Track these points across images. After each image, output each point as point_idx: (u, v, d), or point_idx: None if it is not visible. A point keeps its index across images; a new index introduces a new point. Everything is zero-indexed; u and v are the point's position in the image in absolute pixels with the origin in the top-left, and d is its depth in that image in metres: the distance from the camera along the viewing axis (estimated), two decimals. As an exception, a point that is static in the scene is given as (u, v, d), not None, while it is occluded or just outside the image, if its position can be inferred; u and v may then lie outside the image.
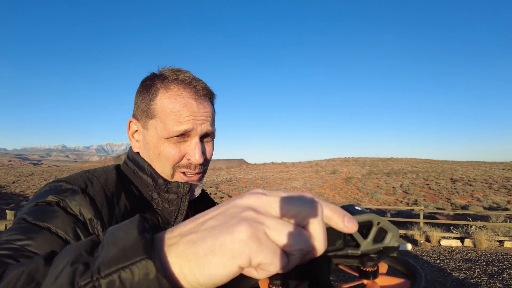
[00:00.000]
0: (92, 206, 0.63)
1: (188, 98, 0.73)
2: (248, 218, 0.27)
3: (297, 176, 45.42)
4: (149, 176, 0.75)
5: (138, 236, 0.27)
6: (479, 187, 29.28)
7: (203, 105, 0.74)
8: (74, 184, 0.65)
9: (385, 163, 58.08)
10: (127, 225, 0.29)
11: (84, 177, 0.69)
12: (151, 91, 0.75)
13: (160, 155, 0.73)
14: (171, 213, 0.74)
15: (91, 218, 0.62)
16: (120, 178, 0.74)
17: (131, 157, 0.79)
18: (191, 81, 0.74)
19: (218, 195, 31.65)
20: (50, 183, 0.67)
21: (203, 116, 0.74)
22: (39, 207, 0.60)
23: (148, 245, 0.27)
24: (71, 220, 0.60)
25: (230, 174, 55.05)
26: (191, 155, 0.73)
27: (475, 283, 5.87)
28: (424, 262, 7.61)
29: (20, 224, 0.57)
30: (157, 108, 0.73)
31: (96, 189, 0.67)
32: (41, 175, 65.90)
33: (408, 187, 32.46)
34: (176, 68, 0.78)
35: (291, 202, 0.29)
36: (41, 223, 0.57)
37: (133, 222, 0.29)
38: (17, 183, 52.44)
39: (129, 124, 0.80)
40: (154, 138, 0.74)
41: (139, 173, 0.76)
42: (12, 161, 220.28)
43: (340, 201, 28.96)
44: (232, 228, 0.26)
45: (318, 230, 0.28)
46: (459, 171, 41.16)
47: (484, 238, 9.27)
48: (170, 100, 0.72)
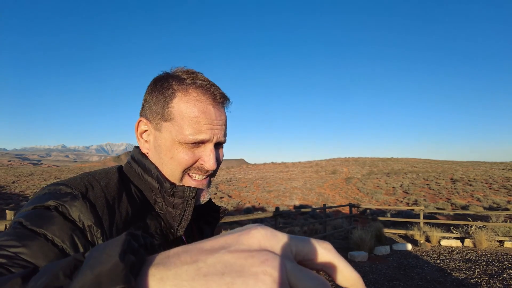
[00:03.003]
0: (93, 213, 0.61)
1: (207, 104, 0.71)
2: (261, 264, 0.22)
3: (297, 176, 45.44)
4: (155, 179, 0.73)
5: (117, 260, 0.22)
6: (479, 187, 29.30)
7: (220, 112, 0.74)
8: (74, 188, 0.63)
9: (385, 163, 58.10)
10: (110, 245, 0.24)
11: (85, 181, 0.66)
12: (167, 93, 0.73)
13: (173, 159, 0.72)
14: (175, 217, 0.72)
15: (90, 225, 0.60)
16: (122, 180, 0.72)
17: (136, 159, 0.77)
18: (209, 86, 0.73)
19: (218, 195, 31.67)
20: (49, 186, 0.64)
21: (219, 124, 0.73)
22: (37, 211, 0.58)
23: (128, 272, 0.22)
24: (69, 227, 0.58)
25: (230, 174, 55.06)
26: (205, 161, 0.73)
27: (475, 283, 5.87)
28: (424, 262, 7.60)
29: (16, 229, 0.55)
30: (174, 112, 0.71)
31: (97, 193, 0.64)
32: (41, 175, 65.90)
33: (408, 187, 32.48)
34: (191, 70, 0.76)
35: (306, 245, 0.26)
36: (37, 229, 0.54)
37: (117, 241, 0.24)
38: (17, 183, 52.46)
39: (138, 124, 0.77)
40: (167, 141, 0.72)
41: (144, 175, 0.74)
42: (12, 161, 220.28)
43: (340, 201, 29.21)
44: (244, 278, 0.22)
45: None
46: (459, 171, 41.17)
47: (484, 238, 9.27)
48: (189, 105, 0.71)
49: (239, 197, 31.00)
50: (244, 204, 27.13)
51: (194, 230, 0.83)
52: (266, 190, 33.78)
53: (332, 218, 11.96)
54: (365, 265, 7.51)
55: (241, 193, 33.07)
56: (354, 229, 9.83)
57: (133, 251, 0.24)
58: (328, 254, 0.26)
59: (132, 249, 0.24)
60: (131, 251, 0.24)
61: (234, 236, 0.25)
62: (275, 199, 29.12)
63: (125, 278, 0.21)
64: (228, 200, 29.25)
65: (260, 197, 30.62)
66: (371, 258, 8.16)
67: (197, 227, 0.85)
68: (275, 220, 8.47)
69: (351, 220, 13.16)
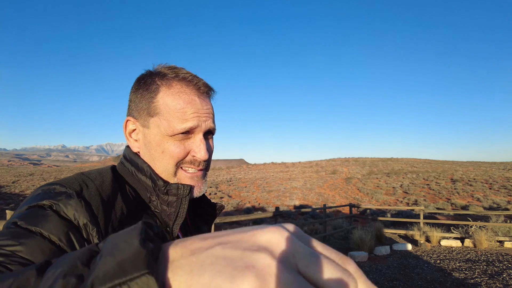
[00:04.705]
0: (88, 211, 0.60)
1: (192, 95, 0.72)
2: (258, 265, 0.21)
3: (297, 176, 45.44)
4: (148, 177, 0.73)
5: (139, 246, 0.23)
6: (479, 187, 29.30)
7: (205, 102, 0.75)
8: (68, 187, 0.62)
9: (385, 163, 58.12)
10: (128, 233, 0.25)
11: (79, 180, 0.66)
12: (151, 89, 0.73)
13: (164, 153, 0.72)
14: (170, 215, 0.72)
15: (86, 224, 0.59)
16: (116, 179, 0.72)
17: (128, 158, 0.77)
18: (192, 78, 0.74)
19: (218, 195, 31.64)
20: (42, 186, 0.63)
21: (206, 113, 0.74)
22: (31, 211, 0.57)
23: (151, 258, 0.23)
24: (64, 224, 0.57)
25: (230, 174, 55.06)
26: (196, 151, 0.73)
27: (475, 283, 5.86)
28: (424, 262, 7.61)
29: (10, 229, 0.54)
30: (160, 106, 0.72)
31: (92, 192, 0.64)
32: (40, 175, 65.91)
33: (408, 187, 32.48)
34: (172, 65, 0.76)
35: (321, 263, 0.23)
36: (33, 228, 0.53)
37: (135, 229, 0.25)
38: (17, 183, 52.45)
39: (126, 124, 0.77)
40: (157, 136, 0.72)
41: (138, 174, 0.74)
42: (12, 161, 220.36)
43: (340, 201, 29.21)
44: (235, 273, 0.21)
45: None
46: (459, 171, 41.18)
47: (484, 238, 9.27)
48: (174, 97, 0.71)
49: (239, 197, 30.97)
50: (244, 204, 27.11)
51: (190, 227, 0.83)
52: (266, 190, 33.76)
53: (332, 218, 11.95)
54: (365, 265, 7.51)
55: (241, 193, 33.01)
56: (354, 229, 9.83)
57: (150, 239, 0.24)
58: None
59: (149, 237, 0.24)
60: (148, 239, 0.24)
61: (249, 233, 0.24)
62: (275, 199, 29.09)
63: (148, 264, 0.22)
64: (228, 200, 29.22)
65: (260, 197, 30.60)
66: (371, 258, 8.17)
67: (193, 224, 0.85)
68: (275, 220, 8.48)
69: (351, 220, 13.17)
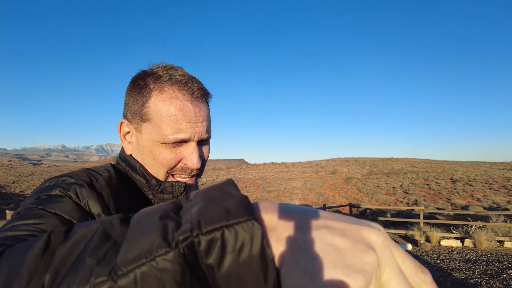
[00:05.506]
0: (100, 202, 0.61)
1: (184, 101, 0.69)
2: (368, 270, 0.21)
3: (297, 176, 45.43)
4: (141, 176, 0.73)
5: (241, 195, 0.24)
6: (479, 187, 29.29)
7: (199, 108, 0.71)
8: (78, 179, 0.63)
9: (385, 163, 58.09)
10: (223, 186, 0.26)
11: (87, 173, 0.67)
12: (143, 92, 0.71)
13: (155, 160, 0.71)
14: None
15: (99, 214, 0.59)
16: (118, 175, 0.73)
17: (123, 157, 0.78)
18: (186, 81, 0.70)
19: (218, 195, 31.54)
20: (50, 179, 0.63)
21: (199, 121, 0.71)
22: (43, 199, 0.56)
23: (252, 206, 0.24)
24: (79, 209, 0.57)
25: (230, 174, 55.04)
26: (188, 159, 0.71)
27: (475, 283, 5.87)
28: (424, 262, 7.60)
29: (21, 212, 0.53)
30: (151, 112, 0.70)
31: (101, 184, 0.65)
32: (41, 175, 65.89)
33: (408, 187, 32.47)
34: (169, 65, 0.74)
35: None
36: (48, 209, 0.53)
37: (229, 183, 0.26)
38: (17, 183, 52.45)
39: (120, 125, 0.77)
40: (148, 142, 0.71)
41: (132, 173, 0.74)
42: (12, 161, 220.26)
43: (340, 201, 29.21)
44: (348, 272, 0.21)
45: None
46: (459, 171, 41.16)
47: (484, 238, 9.27)
48: (165, 103, 0.68)
49: (239, 197, 30.89)
50: (244, 204, 27.05)
51: None
52: (266, 190, 33.76)
53: (332, 218, 11.93)
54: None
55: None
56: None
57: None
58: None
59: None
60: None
61: (352, 225, 0.25)
62: (275, 199, 29.10)
63: (250, 211, 0.23)
64: (228, 200, 29.15)
65: (260, 197, 30.60)
66: (371, 258, 8.16)
67: None
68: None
69: (351, 220, 13.12)
